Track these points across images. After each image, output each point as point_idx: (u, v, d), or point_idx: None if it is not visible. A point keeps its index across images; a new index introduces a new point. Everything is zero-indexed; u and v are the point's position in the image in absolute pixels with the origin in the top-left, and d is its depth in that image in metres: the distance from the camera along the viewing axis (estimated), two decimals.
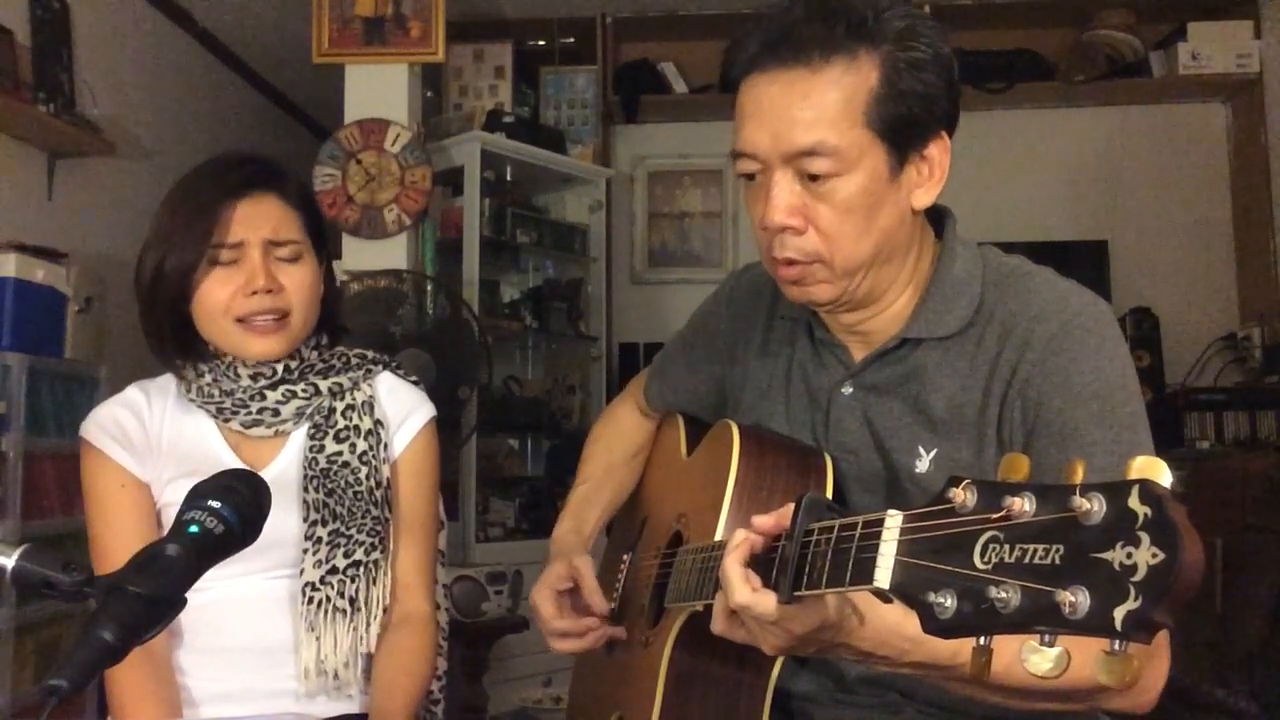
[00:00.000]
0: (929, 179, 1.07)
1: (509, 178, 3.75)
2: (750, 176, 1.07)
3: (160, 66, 3.76)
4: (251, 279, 1.23)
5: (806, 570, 0.81)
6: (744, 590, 0.85)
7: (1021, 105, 4.03)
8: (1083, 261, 3.81)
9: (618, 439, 1.49)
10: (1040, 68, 3.98)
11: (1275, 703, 2.31)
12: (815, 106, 1.00)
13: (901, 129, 1.02)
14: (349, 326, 1.46)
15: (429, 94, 3.78)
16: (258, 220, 1.25)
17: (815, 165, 1.01)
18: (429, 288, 3.07)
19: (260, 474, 1.07)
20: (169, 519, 1.24)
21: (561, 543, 1.37)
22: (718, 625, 0.91)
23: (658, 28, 4.19)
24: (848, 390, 1.16)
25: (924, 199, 1.08)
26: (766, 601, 0.84)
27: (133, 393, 1.34)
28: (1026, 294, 1.09)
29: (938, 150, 1.07)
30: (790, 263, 1.06)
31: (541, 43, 4.19)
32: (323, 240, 1.35)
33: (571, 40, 4.19)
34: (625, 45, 4.25)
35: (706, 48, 4.12)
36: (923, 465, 1.09)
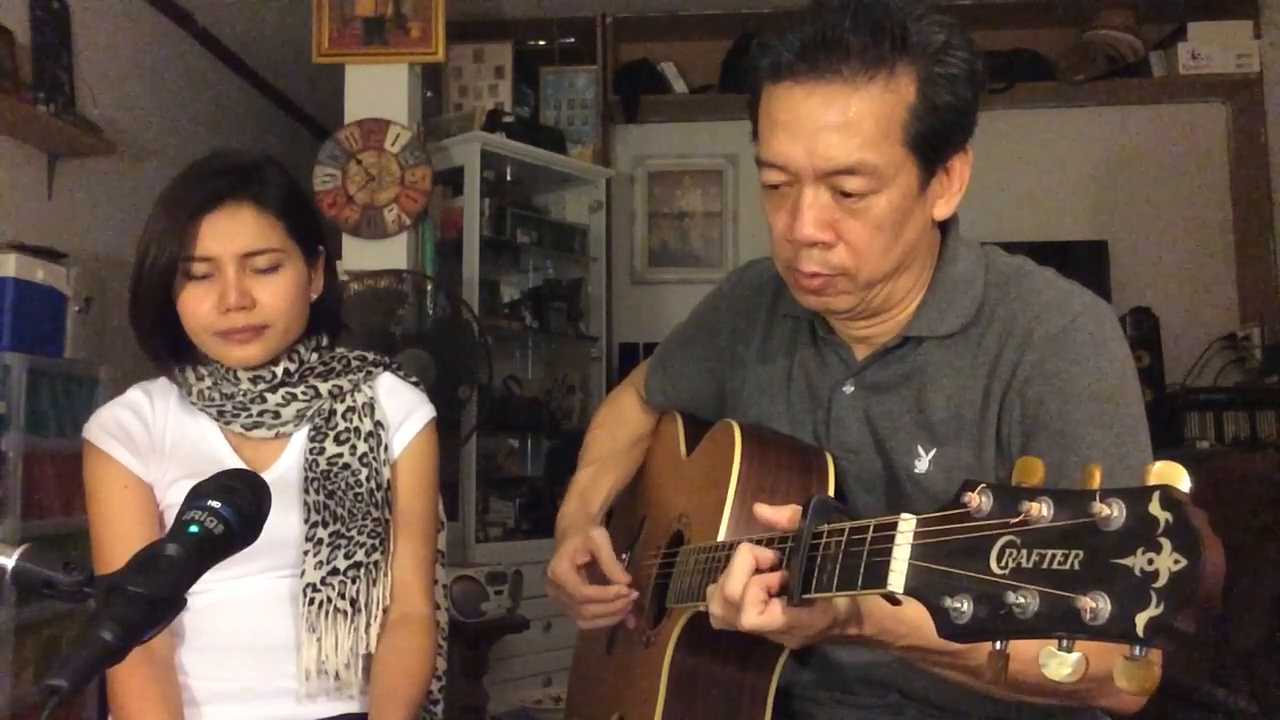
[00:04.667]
0: (949, 190, 1.07)
1: (509, 178, 3.75)
2: (774, 186, 1.05)
3: (160, 66, 3.76)
4: (224, 296, 1.23)
5: (816, 573, 0.81)
6: (751, 613, 0.85)
7: (1021, 105, 4.03)
8: (1083, 261, 3.81)
9: (620, 425, 1.48)
10: (1040, 68, 3.98)
11: (1275, 703, 2.30)
12: (855, 125, 0.98)
13: (934, 143, 1.01)
14: (350, 326, 1.45)
15: (429, 94, 3.78)
16: (230, 234, 1.23)
17: (850, 184, 0.99)
18: (429, 288, 3.07)
19: (262, 476, 1.06)
20: (171, 520, 1.24)
21: (571, 520, 1.35)
22: (715, 610, 0.91)
23: (658, 28, 4.19)
24: (849, 389, 1.15)
25: (944, 210, 1.08)
26: (774, 617, 0.84)
27: (135, 394, 1.34)
28: (1028, 294, 1.08)
29: (959, 162, 1.06)
30: (814, 275, 1.05)
31: (541, 43, 4.19)
32: (315, 240, 1.33)
33: (571, 40, 4.18)
34: (625, 45, 4.25)
35: (706, 48, 4.13)
36: (922, 465, 1.09)
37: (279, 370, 1.30)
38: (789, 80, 1.00)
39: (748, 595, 0.85)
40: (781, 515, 0.89)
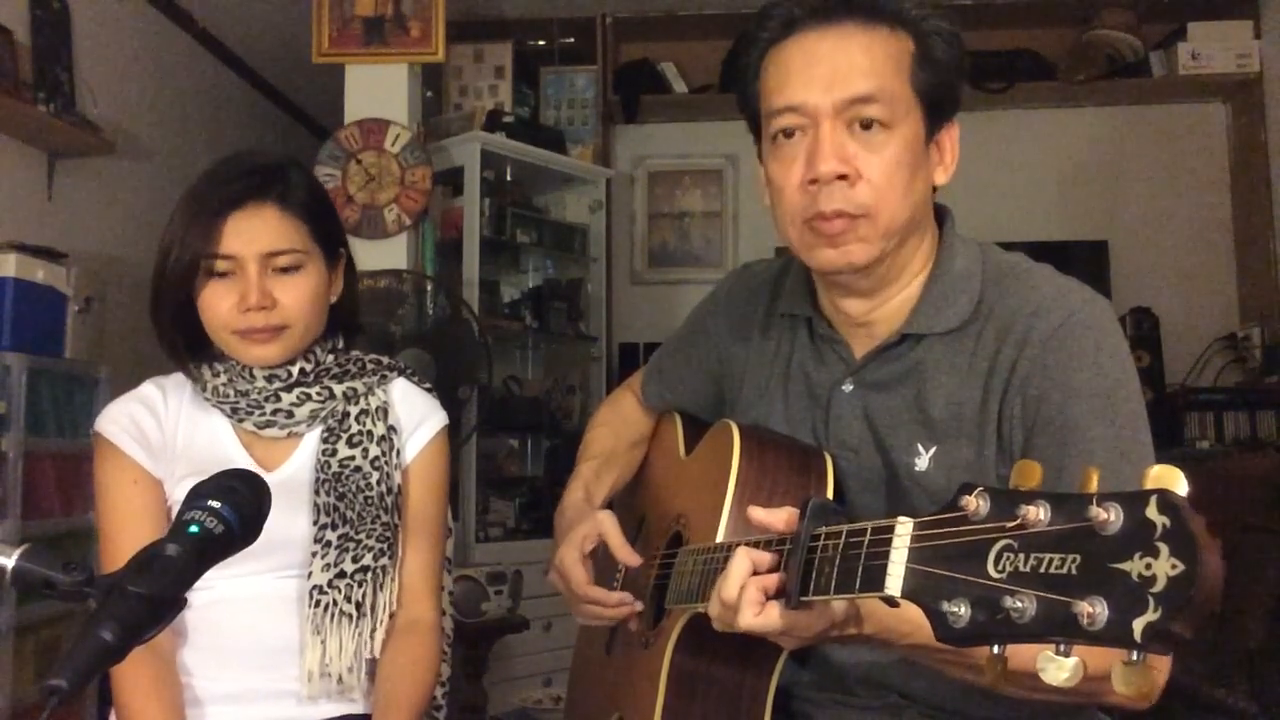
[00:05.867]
0: (943, 161, 1.12)
1: (509, 178, 3.75)
2: (788, 135, 1.07)
3: (160, 66, 3.76)
4: (245, 295, 1.23)
5: (813, 576, 0.81)
6: (748, 615, 0.85)
7: (1021, 105, 4.03)
8: (1083, 261, 3.81)
9: (622, 425, 1.48)
10: (1040, 68, 3.98)
11: (1275, 703, 2.30)
12: (870, 56, 1.04)
13: (934, 97, 1.07)
14: (363, 327, 1.46)
15: (429, 94, 3.78)
16: (253, 233, 1.24)
17: (870, 110, 1.04)
18: (429, 288, 3.07)
19: (272, 475, 1.07)
20: None
21: (576, 510, 1.34)
22: (714, 612, 0.91)
23: (658, 28, 4.19)
24: (848, 388, 1.15)
25: (943, 177, 1.13)
26: (771, 619, 0.85)
27: (149, 388, 1.34)
28: (1026, 290, 1.09)
29: (949, 138, 1.11)
30: (838, 215, 1.05)
31: (541, 43, 4.19)
32: (336, 240, 1.34)
33: (571, 40, 4.19)
34: (625, 45, 4.25)
35: (706, 48, 4.13)
36: (922, 463, 1.09)
37: (294, 370, 1.30)
38: (800, 32, 1.07)
39: (744, 597, 0.85)
40: (777, 518, 0.89)
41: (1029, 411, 1.04)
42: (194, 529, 0.80)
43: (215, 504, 0.82)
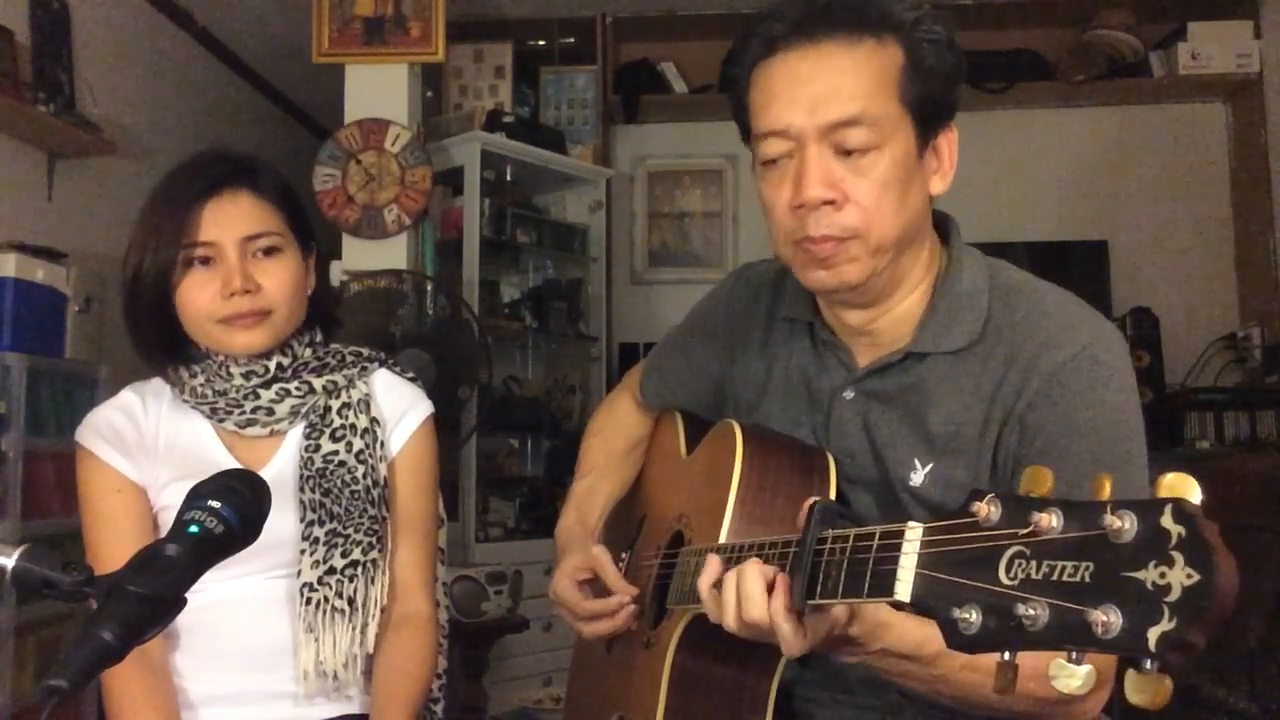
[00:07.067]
0: (941, 168, 1.09)
1: (509, 178, 3.75)
2: (772, 162, 1.06)
3: (160, 66, 3.76)
4: (229, 281, 1.22)
5: (820, 579, 0.80)
6: (798, 641, 0.86)
7: (1021, 105, 4.03)
8: (1083, 261, 3.80)
9: (616, 431, 1.48)
10: (1040, 68, 3.97)
11: (1275, 703, 2.30)
12: (853, 77, 1.01)
13: (927, 107, 1.04)
14: (345, 324, 1.45)
15: (429, 94, 3.78)
16: (230, 218, 1.24)
17: (854, 137, 1.01)
18: (429, 288, 3.06)
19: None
20: (166, 521, 1.24)
21: (569, 535, 1.35)
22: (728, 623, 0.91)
23: (658, 28, 4.19)
24: (849, 395, 1.15)
25: (940, 185, 1.10)
26: (801, 637, 0.86)
27: (128, 395, 1.33)
28: (1037, 317, 1.07)
29: (947, 142, 1.09)
30: (825, 239, 1.04)
31: (541, 43, 4.19)
32: (307, 232, 1.33)
33: (571, 40, 4.18)
34: (625, 45, 4.25)
35: (706, 48, 4.12)
36: (917, 478, 1.09)
37: (271, 365, 1.29)
38: (783, 51, 1.04)
39: (775, 616, 0.86)
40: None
41: (1025, 439, 1.03)
42: (194, 529, 0.80)
43: (215, 504, 0.81)
